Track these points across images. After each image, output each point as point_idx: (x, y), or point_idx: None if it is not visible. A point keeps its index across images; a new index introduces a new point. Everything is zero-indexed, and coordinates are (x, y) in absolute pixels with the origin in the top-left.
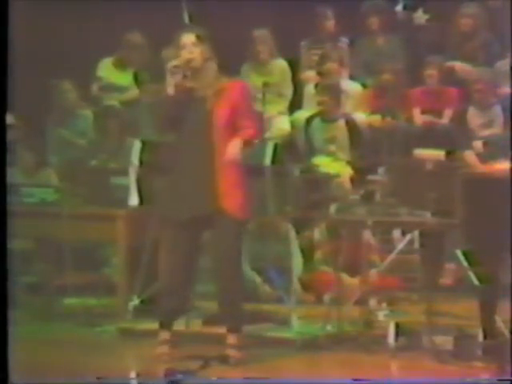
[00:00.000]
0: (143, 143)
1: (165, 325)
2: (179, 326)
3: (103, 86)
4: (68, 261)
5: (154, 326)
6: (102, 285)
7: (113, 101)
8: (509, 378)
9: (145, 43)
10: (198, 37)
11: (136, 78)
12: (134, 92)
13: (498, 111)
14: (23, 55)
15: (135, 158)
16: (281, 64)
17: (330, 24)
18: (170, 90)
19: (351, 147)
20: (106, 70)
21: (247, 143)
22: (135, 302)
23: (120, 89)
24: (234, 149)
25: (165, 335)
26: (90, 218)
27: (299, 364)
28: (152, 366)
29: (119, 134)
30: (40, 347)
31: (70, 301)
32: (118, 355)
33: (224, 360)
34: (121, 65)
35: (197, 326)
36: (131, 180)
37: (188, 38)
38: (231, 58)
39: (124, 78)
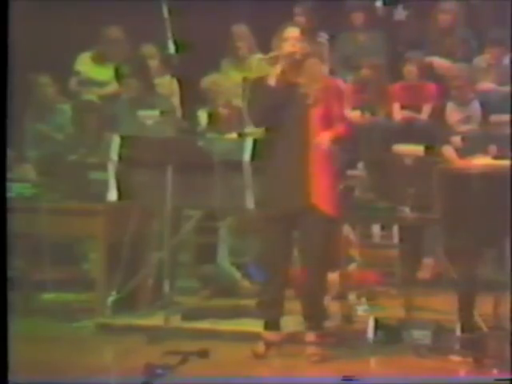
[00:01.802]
0: (122, 138)
1: (270, 326)
2: (158, 321)
3: (82, 80)
4: (46, 256)
5: (133, 321)
6: (80, 280)
7: (91, 95)
8: (509, 378)
9: (124, 38)
10: (302, 31)
11: (116, 73)
12: (113, 87)
13: (475, 107)
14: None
15: (114, 153)
16: (260, 59)
17: (307, 20)
18: (272, 81)
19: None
20: (85, 64)
21: (337, 139)
22: (114, 297)
23: (99, 83)
24: (324, 139)
25: (270, 336)
26: (68, 213)
27: (278, 359)
28: (131, 362)
29: (98, 128)
30: (17, 343)
31: (49, 296)
32: (96, 350)
33: (203, 355)
34: (100, 59)
35: (176, 321)
36: (110, 175)
37: (292, 32)
38: (210, 53)
39: (103, 73)
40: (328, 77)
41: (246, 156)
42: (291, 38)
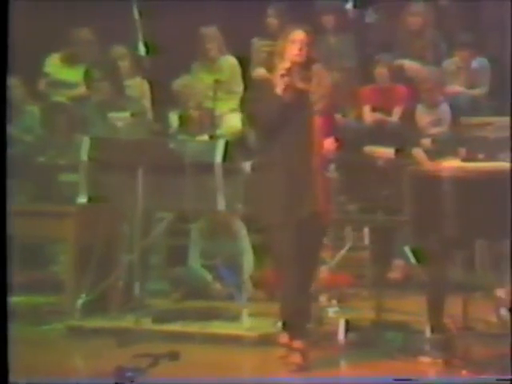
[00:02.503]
0: (92, 140)
1: (296, 334)
2: (128, 323)
3: (51, 81)
4: (15, 258)
5: (103, 323)
6: (49, 282)
7: (61, 97)
8: (509, 377)
9: (94, 39)
10: (308, 34)
11: (86, 75)
12: (83, 88)
13: (445, 109)
14: None
15: (84, 155)
16: (230, 61)
17: (278, 22)
18: (279, 90)
19: None
20: (54, 65)
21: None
22: (84, 299)
23: (68, 85)
24: (331, 146)
25: (297, 345)
26: (38, 215)
27: (249, 361)
28: (101, 364)
29: (67, 130)
30: None
31: (17, 299)
32: (66, 353)
33: (174, 357)
34: (69, 61)
35: (146, 323)
36: (80, 177)
37: (299, 35)
38: (181, 55)
39: (73, 74)
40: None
41: (218, 158)
42: (297, 40)
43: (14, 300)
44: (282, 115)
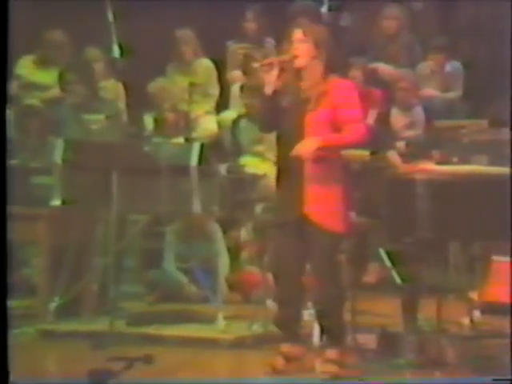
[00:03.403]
0: (66, 142)
1: (291, 339)
2: (102, 326)
3: (23, 84)
4: None
5: (77, 326)
6: (21, 285)
7: (34, 99)
8: (508, 377)
9: (67, 41)
10: (305, 33)
11: (61, 77)
12: (56, 90)
13: (419, 112)
14: None
15: (58, 157)
16: (206, 64)
17: (253, 25)
18: (269, 90)
19: None
20: (27, 68)
21: (333, 147)
22: (57, 302)
23: (41, 87)
24: (306, 146)
25: (292, 350)
26: (10, 218)
27: (225, 364)
28: (74, 368)
29: (40, 132)
30: None
31: None
32: (39, 357)
33: (148, 361)
34: (42, 63)
35: (121, 326)
36: (54, 179)
37: (297, 34)
38: (156, 57)
39: (46, 77)
40: (335, 78)
41: (193, 160)
42: (296, 40)
43: None
44: (274, 115)
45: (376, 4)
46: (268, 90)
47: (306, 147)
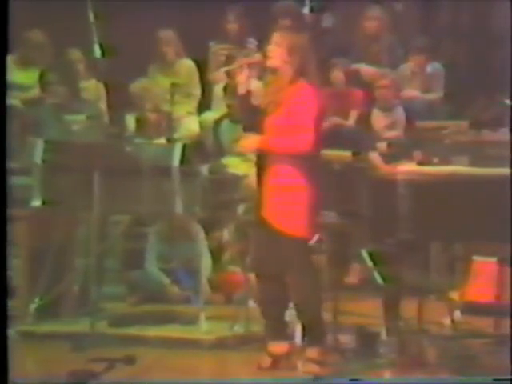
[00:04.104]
0: (47, 142)
1: (275, 338)
2: (84, 327)
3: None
4: None
5: (57, 328)
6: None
7: (14, 100)
8: (508, 377)
9: (48, 41)
10: (281, 37)
11: (41, 78)
12: (36, 91)
13: (399, 112)
14: None
15: (38, 158)
16: (188, 64)
17: (236, 25)
18: (242, 90)
19: None
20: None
21: (277, 151)
22: (37, 303)
23: (22, 88)
24: (247, 143)
25: (277, 349)
26: None
27: (207, 364)
28: (54, 369)
29: (20, 133)
30: None
31: None
32: (18, 359)
33: (130, 362)
34: (22, 63)
35: (102, 327)
36: (34, 180)
37: (275, 37)
38: (138, 58)
39: (26, 77)
40: (303, 83)
41: (175, 161)
42: (272, 42)
43: None
44: (248, 115)
45: (358, 5)
46: (241, 90)
47: (247, 144)
